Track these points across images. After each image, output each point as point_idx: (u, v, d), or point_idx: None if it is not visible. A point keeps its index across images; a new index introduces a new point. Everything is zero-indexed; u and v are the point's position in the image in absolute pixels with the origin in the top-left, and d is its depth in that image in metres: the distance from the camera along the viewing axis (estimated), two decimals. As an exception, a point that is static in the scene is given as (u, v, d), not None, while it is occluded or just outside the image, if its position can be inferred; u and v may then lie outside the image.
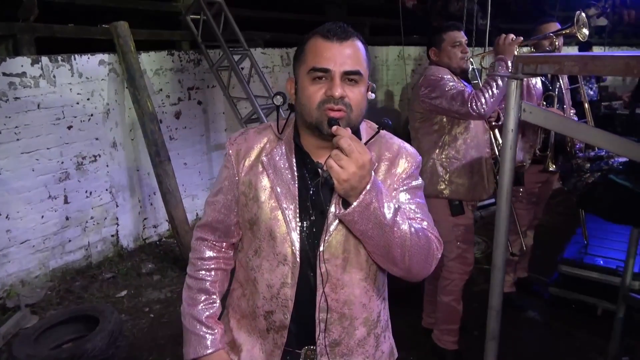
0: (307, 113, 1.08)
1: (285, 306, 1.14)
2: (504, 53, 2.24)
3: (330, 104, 1.04)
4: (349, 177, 0.95)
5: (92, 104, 3.68)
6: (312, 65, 1.06)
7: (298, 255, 1.12)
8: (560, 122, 1.42)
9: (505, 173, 1.49)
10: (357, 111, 1.07)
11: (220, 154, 4.87)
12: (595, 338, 2.73)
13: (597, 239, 3.28)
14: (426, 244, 1.08)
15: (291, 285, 1.13)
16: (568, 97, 2.85)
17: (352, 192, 0.97)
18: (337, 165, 0.95)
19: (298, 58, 1.12)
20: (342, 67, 1.04)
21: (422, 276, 1.13)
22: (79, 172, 3.65)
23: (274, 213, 1.13)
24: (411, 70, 7.66)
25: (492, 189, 2.51)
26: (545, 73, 1.38)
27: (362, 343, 1.19)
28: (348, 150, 0.95)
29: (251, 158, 1.18)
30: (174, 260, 3.91)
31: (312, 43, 1.08)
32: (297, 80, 1.12)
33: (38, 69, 3.33)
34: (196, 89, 4.51)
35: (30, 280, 3.40)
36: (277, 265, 1.14)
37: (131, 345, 2.89)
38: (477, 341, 2.72)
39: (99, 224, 3.83)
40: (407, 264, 1.07)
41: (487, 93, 2.14)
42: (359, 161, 0.94)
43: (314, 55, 1.06)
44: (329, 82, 1.05)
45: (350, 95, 1.05)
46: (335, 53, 1.05)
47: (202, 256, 1.29)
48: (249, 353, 1.22)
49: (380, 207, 0.99)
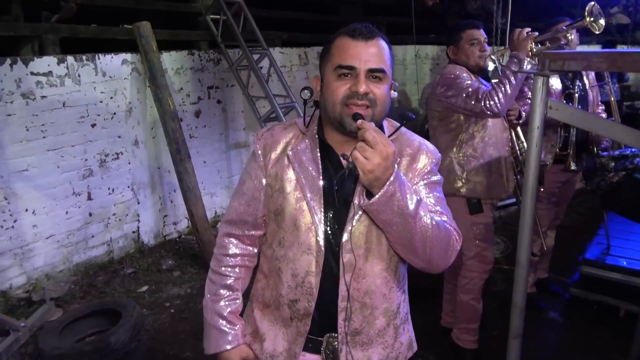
0: (331, 108, 1.12)
1: (310, 294, 1.17)
2: (517, 49, 2.20)
3: (354, 99, 1.09)
4: (374, 168, 0.98)
5: (115, 102, 3.75)
6: (338, 62, 1.11)
7: (322, 244, 1.15)
8: (585, 118, 1.42)
9: (531, 171, 1.49)
10: (381, 107, 1.12)
11: (238, 152, 4.92)
12: (617, 339, 2.69)
13: (620, 239, 3.23)
14: (446, 235, 1.11)
15: (315, 273, 1.16)
16: (595, 94, 2.80)
17: (376, 183, 1.00)
18: (362, 156, 0.98)
19: (325, 56, 1.17)
20: (367, 64, 1.09)
21: (442, 268, 1.16)
22: (102, 169, 3.72)
23: (299, 204, 1.16)
24: (429, 69, 7.63)
25: (512, 187, 2.50)
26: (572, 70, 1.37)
27: (381, 333, 1.22)
28: (373, 142, 0.98)
29: (277, 152, 1.22)
30: (194, 257, 3.96)
31: (339, 42, 1.13)
32: (323, 78, 1.17)
33: (64, 68, 3.41)
34: (216, 88, 4.56)
35: (55, 274, 3.48)
36: (301, 255, 1.17)
37: (152, 339, 2.95)
38: (496, 341, 2.71)
39: (121, 220, 3.90)
40: (428, 255, 1.10)
41: (500, 91, 2.12)
42: (383, 153, 0.98)
43: (340, 53, 1.11)
44: (354, 79, 1.10)
45: (374, 92, 1.10)
46: (360, 51, 1.09)
47: (227, 252, 1.31)
48: (272, 341, 1.25)
49: (403, 197, 1.02)
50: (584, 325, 2.89)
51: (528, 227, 1.55)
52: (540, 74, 1.38)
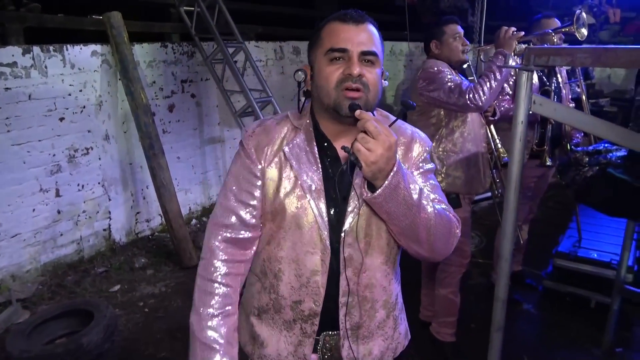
0: (325, 94, 1.08)
1: (316, 294, 1.14)
2: (503, 46, 2.25)
3: (349, 83, 1.05)
4: (377, 159, 0.95)
5: (84, 95, 3.62)
6: (329, 46, 1.08)
7: (328, 242, 1.12)
8: (569, 114, 1.44)
9: (515, 165, 1.50)
10: (374, 92, 1.09)
11: (213, 147, 4.83)
12: (590, 329, 2.78)
13: (590, 232, 3.33)
14: (448, 223, 1.11)
15: (322, 272, 1.13)
16: (567, 91, 2.87)
17: (380, 175, 0.98)
18: (364, 148, 0.96)
19: (314, 43, 1.13)
20: (360, 47, 1.06)
21: (444, 255, 1.16)
22: (71, 164, 3.58)
23: (301, 202, 1.12)
24: (403, 65, 7.69)
25: (488, 183, 2.53)
26: (556, 65, 1.39)
27: (381, 325, 1.21)
28: (375, 132, 0.95)
29: (273, 149, 1.15)
30: (168, 255, 3.87)
31: (329, 26, 1.11)
32: (313, 66, 1.13)
33: (29, 59, 3.25)
34: (190, 81, 4.46)
35: (21, 274, 3.33)
36: (304, 254, 1.13)
37: (126, 340, 2.86)
38: (473, 333, 2.76)
39: (91, 217, 3.77)
40: (431, 244, 1.09)
41: (485, 85, 2.15)
42: (386, 143, 0.96)
43: (331, 37, 1.09)
44: (347, 62, 1.07)
45: (367, 76, 1.07)
46: (352, 34, 1.07)
47: (219, 258, 1.17)
48: (275, 347, 1.19)
49: (407, 187, 1.01)
50: (558, 317, 2.97)
51: (511, 220, 1.56)
52: (525, 69, 1.39)
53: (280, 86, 5.27)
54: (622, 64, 1.19)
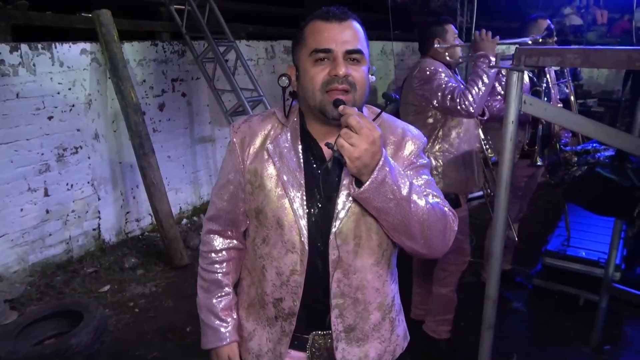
0: (311, 96, 1.07)
1: (295, 293, 1.14)
2: (485, 49, 2.20)
3: (335, 84, 1.03)
4: (361, 154, 0.93)
5: (73, 94, 3.58)
6: (313, 47, 1.05)
7: (307, 243, 1.11)
8: (559, 114, 1.45)
9: (505, 164, 1.52)
10: (361, 91, 1.07)
11: (204, 146, 4.81)
12: (579, 327, 2.81)
13: (579, 231, 3.37)
14: (442, 216, 1.07)
15: (300, 272, 1.13)
16: (555, 92, 2.91)
17: (365, 170, 0.95)
18: (347, 143, 0.93)
19: (298, 43, 1.11)
20: (344, 46, 1.04)
21: (441, 251, 1.11)
22: (60, 164, 3.54)
23: (281, 201, 1.11)
24: (394, 65, 7.70)
25: (482, 182, 2.54)
26: (546, 65, 1.40)
27: (377, 327, 1.20)
28: (357, 127, 0.93)
29: (256, 145, 1.15)
30: (158, 255, 3.84)
31: (312, 26, 1.08)
32: (298, 67, 1.11)
33: (17, 57, 3.21)
34: (180, 80, 4.44)
35: (8, 275, 3.29)
36: (285, 253, 1.13)
37: (116, 341, 2.84)
38: (464, 331, 2.78)
39: (80, 217, 3.74)
40: (426, 239, 1.06)
41: (473, 90, 2.11)
42: (370, 137, 0.93)
43: (314, 37, 1.06)
44: (332, 63, 1.05)
45: (354, 74, 1.05)
46: (335, 33, 1.05)
47: (212, 249, 1.28)
48: (257, 341, 1.22)
49: (395, 182, 0.98)
50: (547, 315, 3.00)
51: (502, 219, 1.58)
52: (515, 69, 1.40)
53: (272, 85, 5.25)
54: (610, 64, 1.20)
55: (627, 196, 2.04)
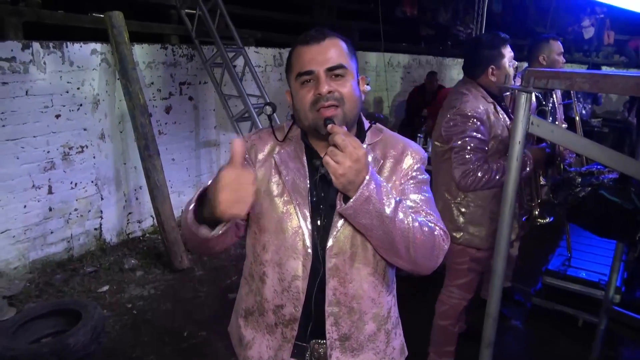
0: (304, 117, 1.13)
1: (297, 299, 1.16)
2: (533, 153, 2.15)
3: (321, 102, 1.09)
4: (345, 171, 0.98)
5: (82, 93, 3.60)
6: (297, 70, 1.12)
7: (310, 249, 1.14)
8: (566, 137, 1.46)
9: (510, 184, 1.52)
10: (350, 104, 1.12)
11: (209, 151, 4.82)
12: (577, 348, 2.79)
13: (580, 252, 3.36)
14: (430, 236, 1.09)
15: (302, 278, 1.15)
16: (560, 111, 2.92)
17: (350, 187, 1.00)
18: (332, 161, 0.98)
19: (287, 69, 1.19)
20: (324, 64, 1.10)
21: (430, 269, 1.15)
22: (65, 162, 3.56)
23: (287, 207, 1.15)
24: (400, 77, 7.73)
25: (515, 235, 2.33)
26: (555, 88, 1.41)
27: (372, 338, 1.21)
28: (342, 145, 0.98)
29: (264, 153, 1.21)
30: (158, 257, 3.84)
31: (295, 52, 1.15)
32: (291, 90, 1.19)
33: (28, 55, 3.24)
34: (188, 84, 4.46)
35: (8, 271, 3.29)
36: (287, 259, 1.15)
37: (113, 342, 2.84)
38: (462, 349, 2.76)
39: (83, 216, 3.75)
40: (412, 257, 1.09)
41: (486, 175, 1.99)
42: (353, 155, 0.97)
43: (297, 61, 1.13)
44: (316, 83, 1.10)
45: (339, 90, 1.10)
46: (315, 54, 1.11)
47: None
48: (257, 350, 1.23)
49: (380, 200, 1.02)
50: (545, 334, 2.99)
51: (505, 237, 1.58)
52: (524, 90, 1.42)
53: (278, 92, 5.28)
54: (619, 90, 1.21)
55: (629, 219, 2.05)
